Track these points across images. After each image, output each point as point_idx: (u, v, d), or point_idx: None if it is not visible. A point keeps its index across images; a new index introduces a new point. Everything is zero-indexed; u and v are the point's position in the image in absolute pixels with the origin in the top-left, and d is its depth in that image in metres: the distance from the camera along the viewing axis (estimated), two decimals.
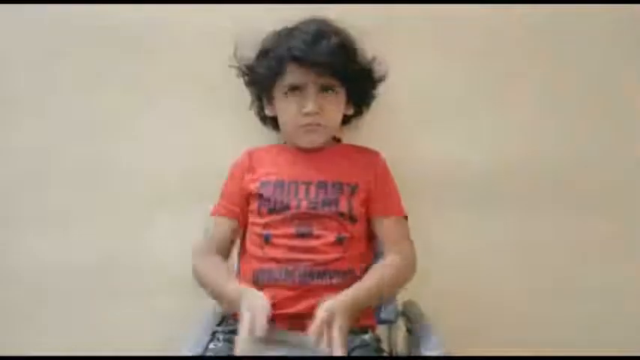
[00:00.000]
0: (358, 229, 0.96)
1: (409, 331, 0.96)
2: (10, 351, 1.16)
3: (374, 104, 1.09)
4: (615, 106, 1.18)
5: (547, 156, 1.17)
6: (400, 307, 1.02)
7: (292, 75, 0.95)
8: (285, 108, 0.98)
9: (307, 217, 0.93)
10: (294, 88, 0.96)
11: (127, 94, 1.17)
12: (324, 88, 0.96)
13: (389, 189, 1.01)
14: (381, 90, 1.07)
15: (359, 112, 1.07)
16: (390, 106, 1.11)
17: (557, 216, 1.17)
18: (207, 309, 0.98)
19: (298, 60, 0.94)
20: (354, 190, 0.96)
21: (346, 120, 1.06)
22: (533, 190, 1.17)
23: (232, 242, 1.01)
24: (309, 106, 0.94)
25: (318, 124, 0.97)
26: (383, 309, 1.00)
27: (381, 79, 1.04)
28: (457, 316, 1.10)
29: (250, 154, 1.04)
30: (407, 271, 0.95)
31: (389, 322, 1.02)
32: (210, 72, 1.13)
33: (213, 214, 1.02)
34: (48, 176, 1.17)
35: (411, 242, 0.99)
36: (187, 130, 1.17)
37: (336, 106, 0.99)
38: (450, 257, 1.16)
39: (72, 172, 1.17)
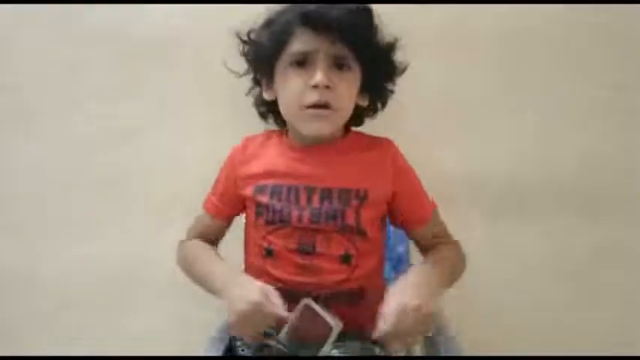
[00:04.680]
0: (368, 243, 0.85)
1: (430, 341, 0.94)
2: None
3: (392, 112, 1.01)
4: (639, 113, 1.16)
5: (571, 164, 1.16)
6: None
7: (300, 41, 0.81)
8: (289, 83, 0.83)
9: (310, 231, 0.83)
10: (302, 60, 0.82)
11: (149, 104, 1.19)
12: (337, 64, 0.82)
13: (412, 186, 0.90)
14: (398, 96, 0.97)
15: (373, 106, 0.93)
16: (407, 112, 1.10)
17: (582, 224, 1.16)
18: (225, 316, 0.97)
19: (309, 23, 0.81)
20: (363, 198, 0.84)
21: (358, 116, 0.93)
22: (558, 199, 1.16)
23: (216, 241, 0.96)
24: (318, 77, 0.79)
25: (327, 106, 0.82)
26: None
27: (401, 68, 0.90)
28: (480, 327, 1.09)
29: (247, 144, 0.93)
30: (462, 265, 0.90)
31: None
32: (232, 81, 1.13)
33: (204, 207, 0.95)
34: (71, 185, 1.20)
35: (452, 237, 0.93)
36: (208, 139, 1.18)
37: (348, 84, 0.84)
38: (473, 266, 1.14)
39: (95, 181, 1.20)
